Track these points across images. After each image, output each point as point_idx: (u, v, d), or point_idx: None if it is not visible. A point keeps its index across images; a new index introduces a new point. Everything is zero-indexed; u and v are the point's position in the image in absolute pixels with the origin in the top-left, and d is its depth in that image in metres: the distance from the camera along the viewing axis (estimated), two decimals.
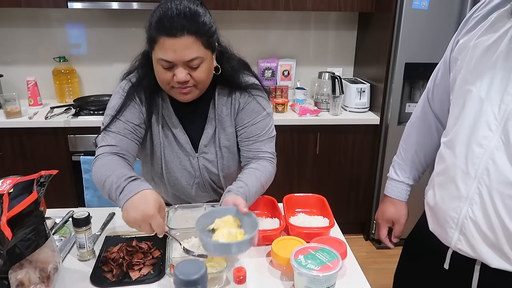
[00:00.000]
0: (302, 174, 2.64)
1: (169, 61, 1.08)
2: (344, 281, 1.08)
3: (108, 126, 1.18)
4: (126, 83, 1.24)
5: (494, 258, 0.91)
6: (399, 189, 1.26)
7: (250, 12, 2.70)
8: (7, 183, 1.01)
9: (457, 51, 0.99)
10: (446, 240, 0.99)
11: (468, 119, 0.91)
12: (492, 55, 0.87)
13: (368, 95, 2.65)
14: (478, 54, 0.90)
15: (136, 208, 0.95)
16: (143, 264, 1.10)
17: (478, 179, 0.88)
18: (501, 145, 0.85)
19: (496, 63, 0.86)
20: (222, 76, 1.22)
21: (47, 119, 2.36)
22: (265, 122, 1.28)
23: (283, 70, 2.94)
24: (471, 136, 0.90)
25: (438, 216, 1.01)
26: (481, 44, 0.89)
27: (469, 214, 0.91)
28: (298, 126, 2.53)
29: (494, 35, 0.87)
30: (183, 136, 1.27)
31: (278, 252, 1.10)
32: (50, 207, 1.36)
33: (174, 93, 1.17)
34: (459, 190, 0.92)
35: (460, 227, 0.94)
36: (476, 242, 0.92)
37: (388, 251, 2.64)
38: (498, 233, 0.88)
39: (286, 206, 1.34)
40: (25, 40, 2.73)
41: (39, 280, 0.97)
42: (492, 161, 0.86)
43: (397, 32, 2.35)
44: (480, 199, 0.89)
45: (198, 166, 1.31)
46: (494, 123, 0.86)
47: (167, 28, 1.04)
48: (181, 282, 0.66)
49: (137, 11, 2.67)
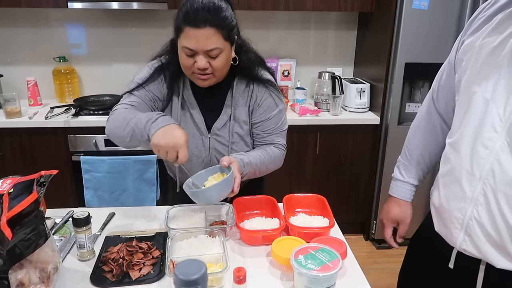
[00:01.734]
0: (302, 174, 2.64)
1: (192, 49, 1.20)
2: (344, 281, 1.08)
3: (132, 90, 1.32)
4: (157, 62, 1.37)
5: (499, 259, 0.91)
6: (404, 190, 1.26)
7: (250, 12, 2.70)
8: (7, 183, 1.01)
9: (462, 52, 0.99)
10: (451, 241, 0.99)
11: (473, 120, 0.91)
12: (497, 57, 0.87)
13: (368, 95, 2.65)
14: (483, 55, 0.90)
15: (169, 136, 1.10)
16: (143, 264, 1.10)
17: (483, 180, 0.89)
18: (506, 146, 0.85)
19: (501, 64, 0.86)
20: (240, 67, 1.34)
21: (47, 119, 2.36)
22: (278, 117, 1.40)
23: (283, 70, 2.94)
24: (476, 137, 0.90)
25: (443, 216, 1.01)
26: (487, 46, 0.90)
27: (474, 215, 0.91)
28: (298, 126, 2.53)
29: (500, 37, 0.87)
30: (199, 117, 1.37)
31: (278, 252, 1.10)
32: (50, 207, 1.36)
33: (194, 78, 1.28)
34: (464, 191, 0.93)
35: (465, 228, 0.94)
36: (481, 242, 0.92)
37: (388, 251, 2.65)
38: (503, 234, 0.88)
39: (286, 206, 1.34)
40: (25, 40, 2.73)
41: (39, 280, 0.97)
42: (497, 162, 0.86)
43: (397, 32, 2.35)
44: (485, 200, 0.89)
45: (208, 145, 1.39)
46: (499, 125, 0.86)
47: (192, 19, 1.17)
48: (181, 282, 0.66)
49: (137, 11, 2.67)
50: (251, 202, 1.39)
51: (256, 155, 1.35)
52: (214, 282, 1.01)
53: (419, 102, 2.54)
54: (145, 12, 2.68)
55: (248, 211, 1.37)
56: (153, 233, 1.27)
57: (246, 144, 1.42)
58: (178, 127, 1.14)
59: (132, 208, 1.48)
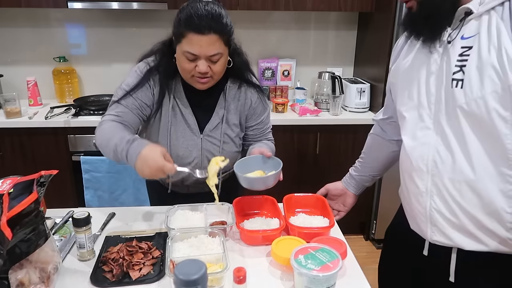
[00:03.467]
0: (302, 174, 2.64)
1: (194, 54, 1.23)
2: (344, 281, 1.08)
3: (119, 100, 1.33)
4: (145, 65, 1.37)
5: (466, 242, 1.00)
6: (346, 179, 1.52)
7: (250, 12, 2.70)
8: (7, 183, 1.01)
9: (391, 76, 1.18)
10: (424, 235, 1.08)
11: (410, 125, 1.06)
12: (412, 70, 1.05)
13: (368, 95, 2.65)
14: (404, 73, 1.08)
15: (148, 162, 1.12)
16: (143, 264, 1.10)
17: (430, 173, 1.01)
18: (439, 138, 0.98)
19: (418, 75, 1.03)
20: (234, 69, 1.37)
21: (47, 119, 2.36)
22: (268, 118, 1.53)
23: (283, 70, 2.94)
24: (415, 136, 1.04)
25: (411, 213, 1.12)
26: (404, 65, 1.09)
27: (433, 205, 1.02)
28: (298, 126, 2.53)
29: (411, 55, 1.07)
30: (191, 118, 1.39)
31: (278, 252, 1.10)
32: (50, 207, 1.36)
33: (193, 81, 1.31)
34: (419, 187, 1.04)
35: (429, 220, 1.04)
36: (446, 230, 1.01)
37: None
38: (460, 217, 0.98)
39: (286, 206, 1.34)
40: (25, 40, 2.73)
41: (39, 280, 0.97)
42: (437, 154, 0.99)
43: (397, 32, 2.35)
44: (436, 190, 1.00)
45: (201, 146, 1.41)
46: (429, 122, 1.00)
47: (196, 25, 1.19)
48: (181, 282, 0.66)
49: (137, 11, 2.67)
50: (251, 202, 1.39)
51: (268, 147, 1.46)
52: (214, 282, 1.02)
53: None
54: (145, 12, 2.68)
55: (248, 211, 1.37)
56: (153, 233, 1.27)
57: (235, 145, 1.47)
58: (149, 147, 1.15)
59: (132, 208, 1.48)
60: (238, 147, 1.49)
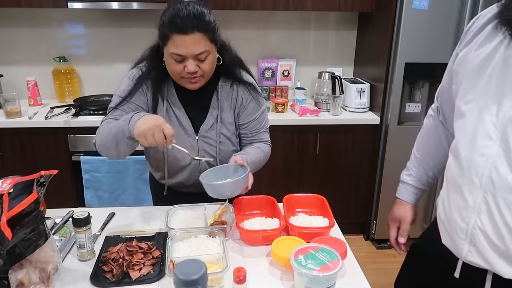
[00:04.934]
0: (302, 174, 2.64)
1: (181, 55, 1.23)
2: (344, 281, 1.08)
3: (116, 106, 1.35)
4: (137, 71, 1.39)
5: (506, 268, 0.90)
6: (408, 192, 1.29)
7: (250, 12, 2.70)
8: (7, 183, 1.01)
9: (457, 63, 1.02)
10: (457, 252, 0.99)
11: (469, 129, 0.93)
12: (488, 66, 0.90)
13: (368, 95, 2.65)
14: (476, 65, 0.93)
15: (148, 121, 1.15)
16: (143, 264, 1.10)
17: (483, 188, 0.89)
18: (501, 152, 0.86)
19: (492, 73, 0.89)
20: (224, 66, 1.37)
21: (47, 119, 2.36)
22: (262, 117, 1.48)
23: (283, 70, 2.94)
24: (473, 146, 0.91)
25: (448, 227, 1.01)
26: (478, 56, 0.93)
27: (478, 224, 0.91)
28: (298, 126, 2.53)
29: (489, 47, 0.91)
30: (185, 119, 1.39)
31: (278, 252, 1.10)
32: (50, 207, 1.36)
33: (184, 82, 1.31)
34: (466, 200, 0.93)
35: (469, 238, 0.94)
36: (486, 252, 0.91)
37: (388, 251, 2.65)
38: (507, 241, 0.88)
39: (286, 206, 1.34)
40: (25, 40, 2.73)
41: (39, 280, 0.97)
42: (494, 169, 0.87)
43: (397, 32, 2.35)
44: (487, 207, 0.89)
45: (197, 147, 1.41)
46: (493, 132, 0.88)
47: (179, 26, 1.20)
48: (181, 282, 0.66)
49: (137, 11, 2.67)
50: (251, 202, 1.39)
51: (254, 153, 1.41)
52: (214, 282, 1.02)
53: (419, 102, 2.54)
54: (145, 12, 2.68)
55: (248, 211, 1.37)
56: (153, 233, 1.27)
57: (233, 144, 1.46)
58: (154, 114, 1.19)
59: (132, 208, 1.48)
60: (235, 146, 1.47)
